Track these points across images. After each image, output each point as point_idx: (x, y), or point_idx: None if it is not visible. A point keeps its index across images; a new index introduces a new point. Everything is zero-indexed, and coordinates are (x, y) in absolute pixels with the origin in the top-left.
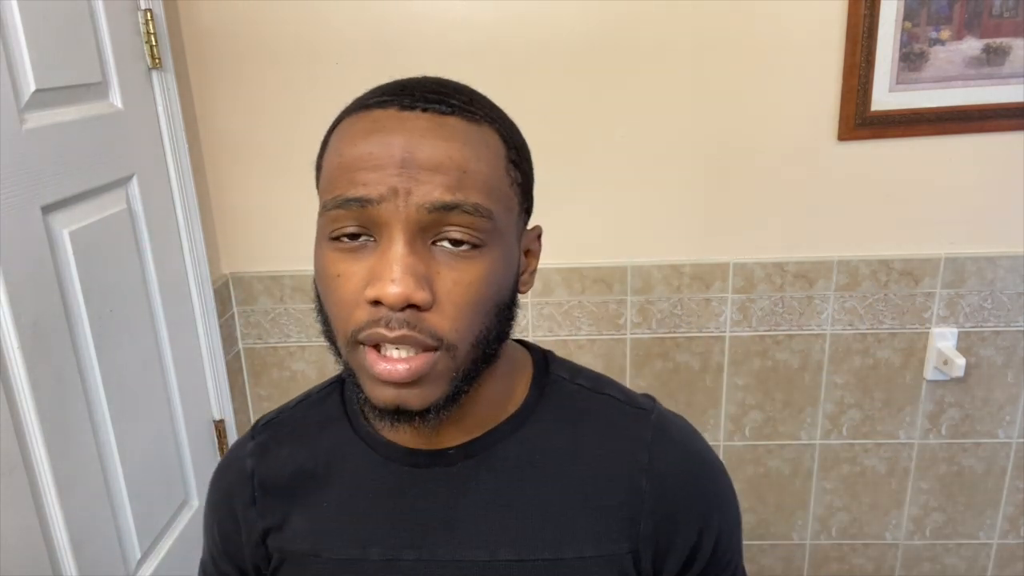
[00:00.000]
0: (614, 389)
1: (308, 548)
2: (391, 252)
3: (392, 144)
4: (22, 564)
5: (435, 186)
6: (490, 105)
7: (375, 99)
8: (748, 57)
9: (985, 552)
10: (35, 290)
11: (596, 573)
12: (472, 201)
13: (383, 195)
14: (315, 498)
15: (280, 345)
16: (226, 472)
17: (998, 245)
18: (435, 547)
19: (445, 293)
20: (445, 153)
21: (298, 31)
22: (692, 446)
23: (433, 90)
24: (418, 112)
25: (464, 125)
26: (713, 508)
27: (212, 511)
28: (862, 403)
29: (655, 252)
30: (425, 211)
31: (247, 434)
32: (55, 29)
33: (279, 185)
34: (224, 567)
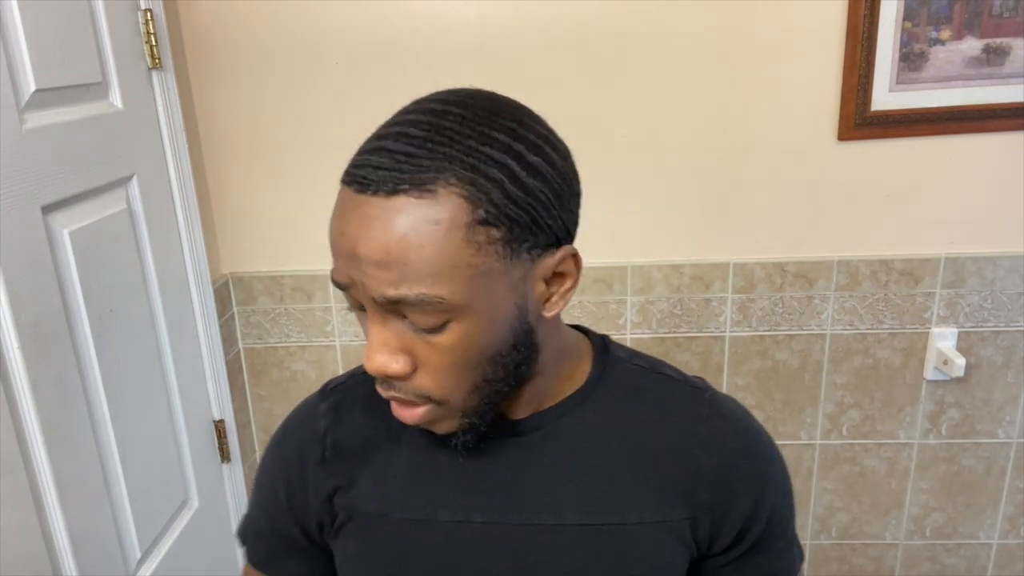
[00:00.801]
0: (669, 369)
1: (376, 508)
2: (370, 328)
3: (345, 235)
4: (22, 564)
5: (379, 281)
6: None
7: (350, 167)
8: (748, 57)
9: (985, 552)
10: (35, 290)
11: (656, 537)
12: (416, 292)
13: (347, 283)
14: (385, 462)
15: (280, 345)
16: (296, 431)
17: (998, 245)
18: (504, 511)
19: (424, 358)
20: (384, 248)
21: (298, 31)
22: (745, 421)
23: (394, 157)
24: (367, 196)
25: (413, 204)
26: (766, 479)
27: (279, 469)
28: (862, 403)
29: (655, 252)
30: (384, 303)
31: (316, 396)
32: (55, 29)
33: (279, 185)
34: (283, 525)
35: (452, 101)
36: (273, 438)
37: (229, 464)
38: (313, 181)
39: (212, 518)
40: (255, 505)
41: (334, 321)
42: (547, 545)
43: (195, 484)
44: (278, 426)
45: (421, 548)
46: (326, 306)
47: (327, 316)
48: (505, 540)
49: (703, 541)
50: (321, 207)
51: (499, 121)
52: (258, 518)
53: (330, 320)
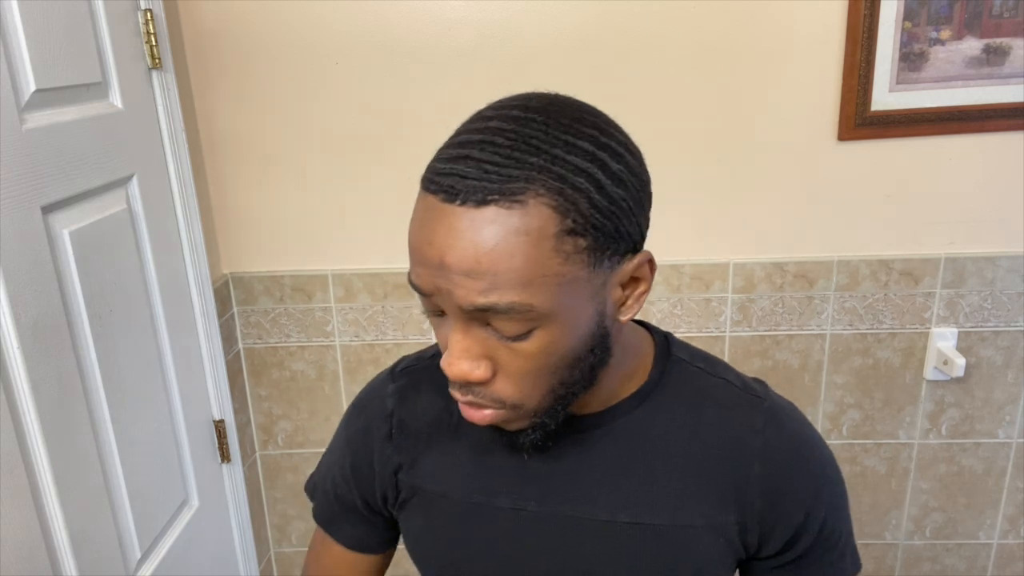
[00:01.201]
0: (730, 374)
1: (438, 489)
2: (452, 335)
3: (432, 244)
4: (22, 564)
5: (468, 291)
6: (564, 156)
7: (431, 175)
8: (748, 57)
9: (985, 552)
10: (35, 290)
11: (705, 540)
12: (506, 301)
13: (431, 291)
14: (448, 445)
15: (280, 345)
16: (365, 409)
17: (998, 245)
18: (559, 503)
19: (504, 366)
20: (474, 258)
21: (298, 31)
22: (801, 434)
23: (481, 167)
24: (455, 206)
25: (502, 215)
26: (819, 491)
27: (347, 444)
28: (862, 403)
29: (655, 252)
30: (470, 311)
31: (385, 375)
32: (55, 29)
33: (279, 185)
34: (346, 493)
35: (533, 108)
36: (348, 411)
37: (229, 464)
38: (313, 181)
39: (212, 518)
40: (324, 469)
41: (334, 321)
42: (597, 540)
43: (195, 484)
44: (353, 400)
45: (479, 530)
46: (326, 306)
47: (327, 316)
48: (557, 531)
49: (751, 545)
50: (321, 207)
51: (582, 129)
52: (324, 480)
53: (330, 320)
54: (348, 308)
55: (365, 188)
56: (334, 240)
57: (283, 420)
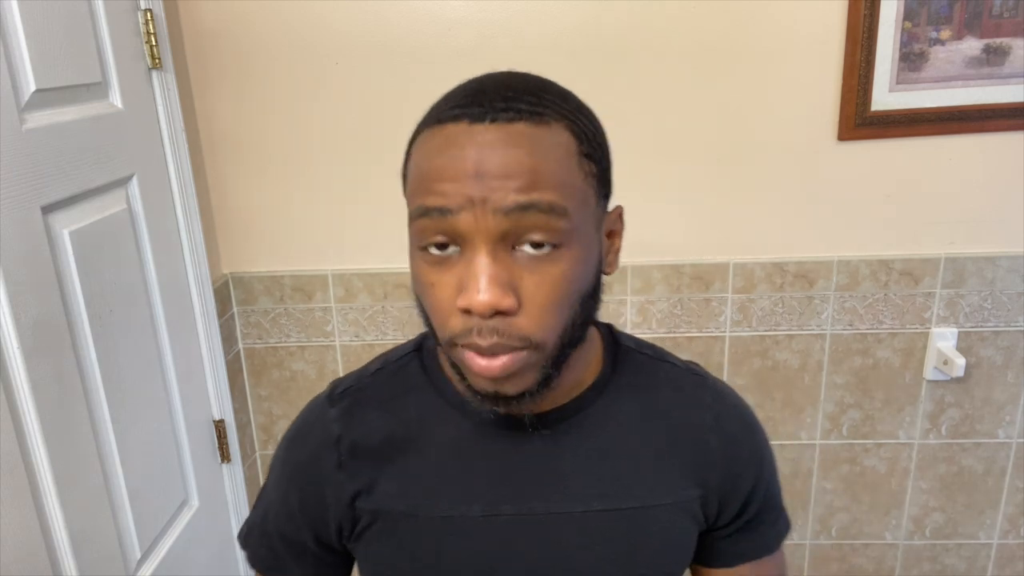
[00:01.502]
0: (673, 357)
1: (404, 508)
2: (476, 263)
3: (465, 157)
4: (22, 564)
5: (508, 191)
6: (559, 98)
7: (447, 111)
8: (748, 57)
9: (985, 552)
10: (35, 290)
11: (672, 516)
12: (547, 200)
13: (461, 204)
14: (408, 462)
15: (280, 345)
16: (307, 438)
17: (998, 245)
18: (532, 502)
19: (530, 296)
20: (515, 159)
21: (298, 31)
22: (743, 406)
23: (502, 96)
24: (487, 124)
25: (531, 130)
26: (763, 458)
27: (292, 477)
28: (862, 403)
29: (655, 252)
30: (502, 216)
31: (322, 401)
32: (55, 29)
33: (279, 185)
34: (293, 532)
35: (520, 73)
36: (283, 445)
37: (229, 464)
38: (313, 181)
39: (212, 518)
40: (262, 510)
41: (334, 321)
42: (574, 532)
43: (195, 484)
44: (286, 433)
45: (453, 543)
46: (326, 306)
47: (327, 316)
48: (534, 530)
49: (711, 516)
50: (321, 207)
51: (564, 88)
52: (264, 522)
53: (330, 320)
54: (348, 308)
55: (365, 188)
56: (334, 240)
57: (283, 420)
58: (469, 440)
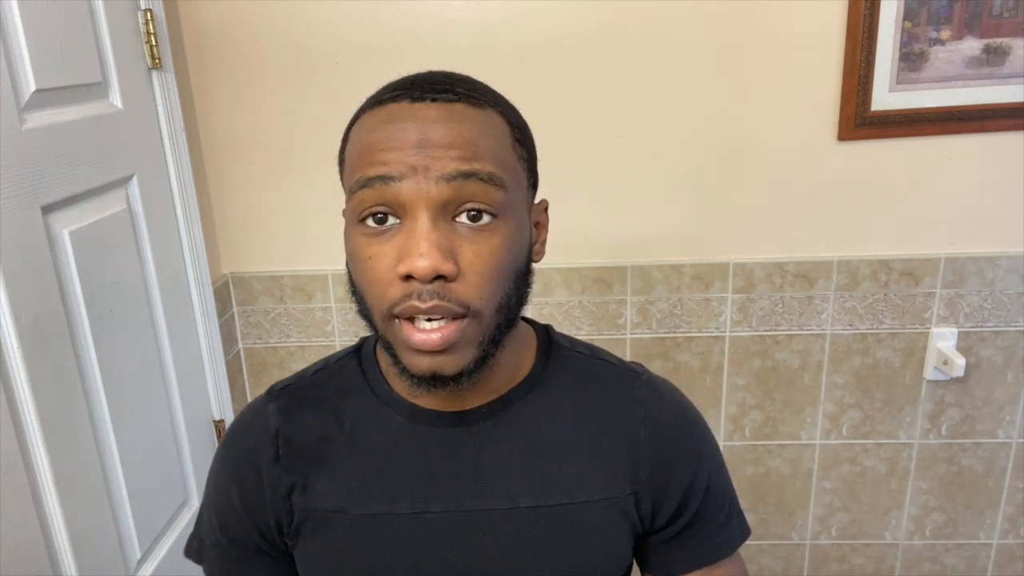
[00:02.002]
0: (609, 356)
1: (333, 506)
2: (417, 229)
3: (407, 129)
4: (22, 564)
5: (450, 159)
6: (492, 92)
7: (388, 94)
8: (748, 57)
9: (985, 552)
10: (35, 290)
11: (603, 514)
12: (487, 170)
13: (403, 173)
14: (340, 460)
15: (280, 345)
16: (247, 432)
17: (998, 245)
18: (460, 499)
19: (468, 264)
20: (457, 131)
21: (298, 31)
22: (679, 402)
23: (439, 81)
24: (427, 103)
25: (470, 110)
26: (700, 453)
27: (231, 473)
28: (862, 403)
29: (655, 252)
30: (445, 183)
31: (262, 398)
32: (55, 29)
33: (279, 185)
34: (240, 532)
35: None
36: (222, 443)
37: None
38: (313, 181)
39: None
40: (207, 519)
41: (334, 321)
42: (501, 529)
43: (195, 484)
44: (226, 432)
45: (381, 541)
46: (326, 306)
47: (327, 316)
48: (462, 527)
49: (646, 516)
50: (321, 207)
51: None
52: (212, 532)
53: (330, 320)
54: (348, 308)
55: None
56: (334, 240)
57: None
58: (400, 438)
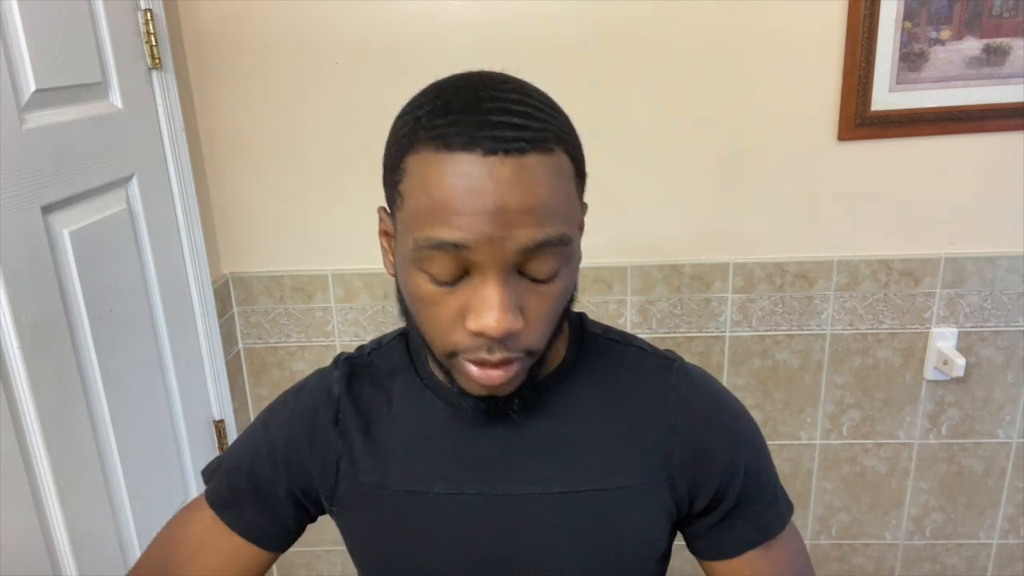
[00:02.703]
0: (641, 342)
1: (375, 480)
2: (488, 289)
3: (483, 195)
4: (22, 564)
5: (525, 227)
6: (553, 114)
7: (454, 135)
8: (748, 57)
9: (985, 552)
10: (35, 290)
11: (637, 499)
12: (558, 233)
13: (478, 241)
14: (384, 436)
15: (280, 345)
16: (314, 391)
17: (998, 245)
18: (495, 483)
19: (532, 312)
20: (531, 194)
21: (298, 31)
22: (712, 387)
23: (509, 122)
24: (500, 157)
25: (541, 160)
26: (735, 436)
27: (286, 422)
28: (862, 403)
29: (655, 252)
30: (520, 253)
31: (329, 366)
32: (55, 29)
33: (279, 185)
34: (268, 476)
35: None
36: (285, 394)
37: None
38: (313, 181)
39: None
40: (238, 449)
41: (334, 321)
42: (535, 513)
43: (195, 484)
44: (290, 387)
45: (418, 518)
46: (326, 306)
47: (327, 316)
48: (495, 510)
49: (682, 501)
50: (321, 207)
51: (543, 93)
52: (238, 459)
53: (330, 320)
54: (348, 308)
55: (365, 188)
56: (334, 240)
57: None
58: (439, 421)
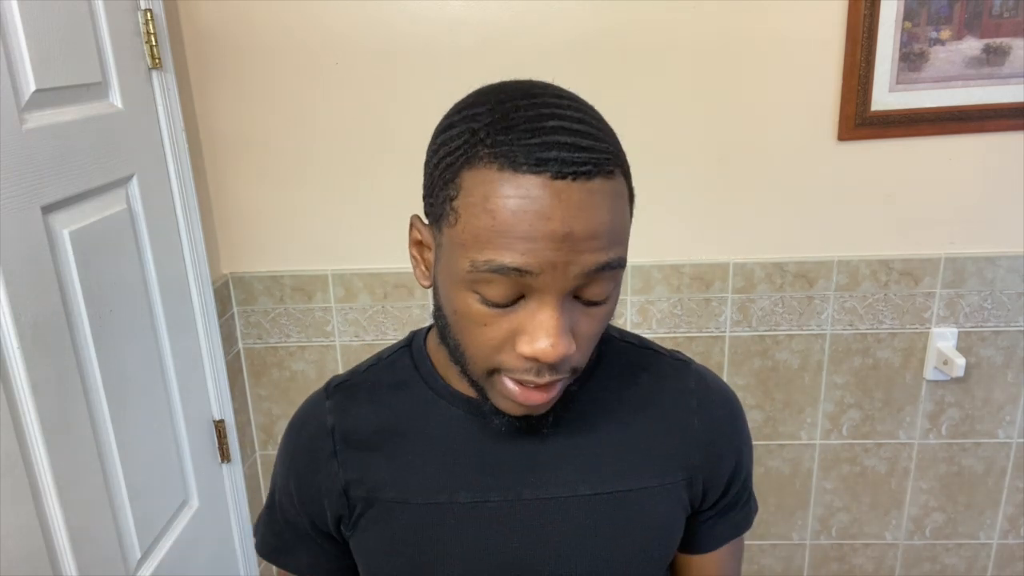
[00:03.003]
0: (656, 346)
1: (395, 496)
2: (545, 314)
3: (551, 220)
4: (22, 564)
5: (591, 252)
6: (611, 134)
7: (522, 154)
8: (748, 57)
9: (985, 552)
10: (35, 290)
11: (658, 499)
12: (618, 256)
13: (542, 267)
14: (398, 451)
15: (280, 345)
16: (304, 427)
17: (998, 245)
18: (520, 488)
19: (581, 334)
20: (598, 220)
21: (298, 31)
22: (727, 391)
23: (578, 144)
24: (568, 181)
25: (605, 185)
26: (743, 441)
27: (290, 465)
28: (862, 403)
29: (656, 252)
30: (583, 277)
31: (319, 394)
32: (55, 29)
33: (279, 185)
34: (295, 517)
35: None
36: (284, 435)
37: (229, 464)
38: (314, 181)
39: (212, 518)
40: (271, 498)
41: (334, 321)
42: (562, 516)
43: (195, 484)
44: (288, 423)
45: (442, 530)
46: (326, 306)
47: (327, 316)
48: (520, 516)
49: (696, 499)
50: (321, 207)
51: (591, 106)
52: (272, 510)
53: (330, 320)
54: (348, 308)
55: (365, 188)
56: (334, 240)
57: (283, 420)
58: (458, 430)
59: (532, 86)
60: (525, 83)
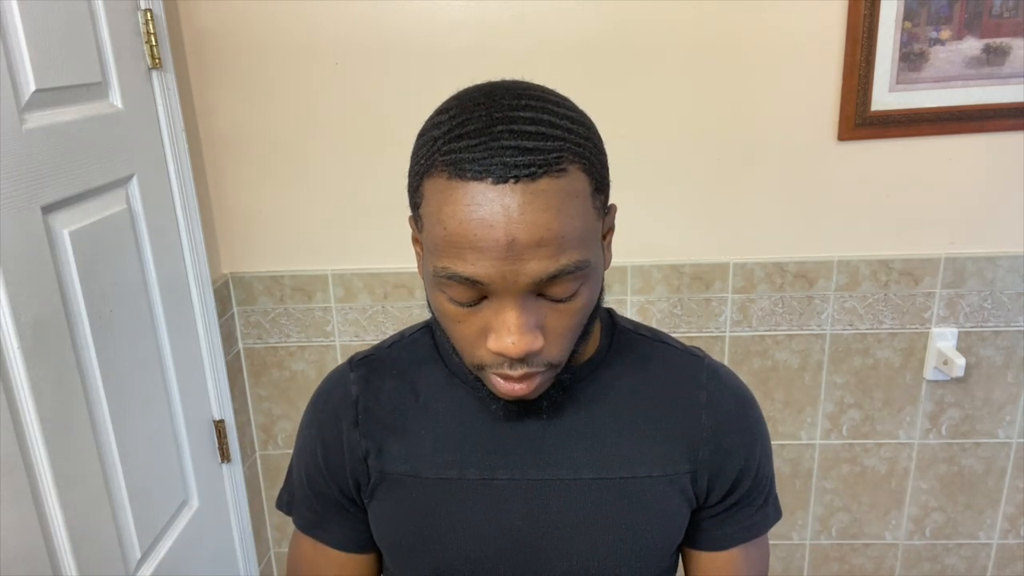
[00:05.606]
0: (669, 338)
1: (408, 469)
2: (506, 314)
3: (494, 227)
4: (22, 564)
5: (540, 260)
6: (569, 126)
7: (468, 161)
8: (748, 57)
9: (985, 552)
10: (35, 290)
11: (662, 489)
12: (573, 261)
13: (491, 276)
14: (414, 427)
15: (280, 345)
16: (331, 396)
17: (998, 245)
18: (526, 468)
19: (552, 329)
20: (544, 225)
21: (298, 31)
22: (739, 387)
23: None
24: (511, 184)
25: (554, 184)
26: (756, 438)
27: (316, 432)
28: (862, 403)
29: (655, 252)
30: (534, 284)
31: (344, 367)
32: (55, 29)
33: (279, 185)
34: (324, 488)
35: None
36: (308, 407)
37: (229, 464)
38: (314, 181)
39: (212, 518)
40: (297, 475)
41: (334, 321)
42: (565, 498)
43: (195, 484)
44: (311, 399)
45: (450, 504)
46: (326, 306)
47: (327, 316)
48: (526, 495)
49: (701, 494)
50: (321, 207)
51: (559, 102)
52: (301, 485)
53: (330, 320)
54: (348, 308)
55: (365, 188)
56: (334, 240)
57: (283, 420)
58: (470, 410)
59: (495, 89)
60: (496, 85)
